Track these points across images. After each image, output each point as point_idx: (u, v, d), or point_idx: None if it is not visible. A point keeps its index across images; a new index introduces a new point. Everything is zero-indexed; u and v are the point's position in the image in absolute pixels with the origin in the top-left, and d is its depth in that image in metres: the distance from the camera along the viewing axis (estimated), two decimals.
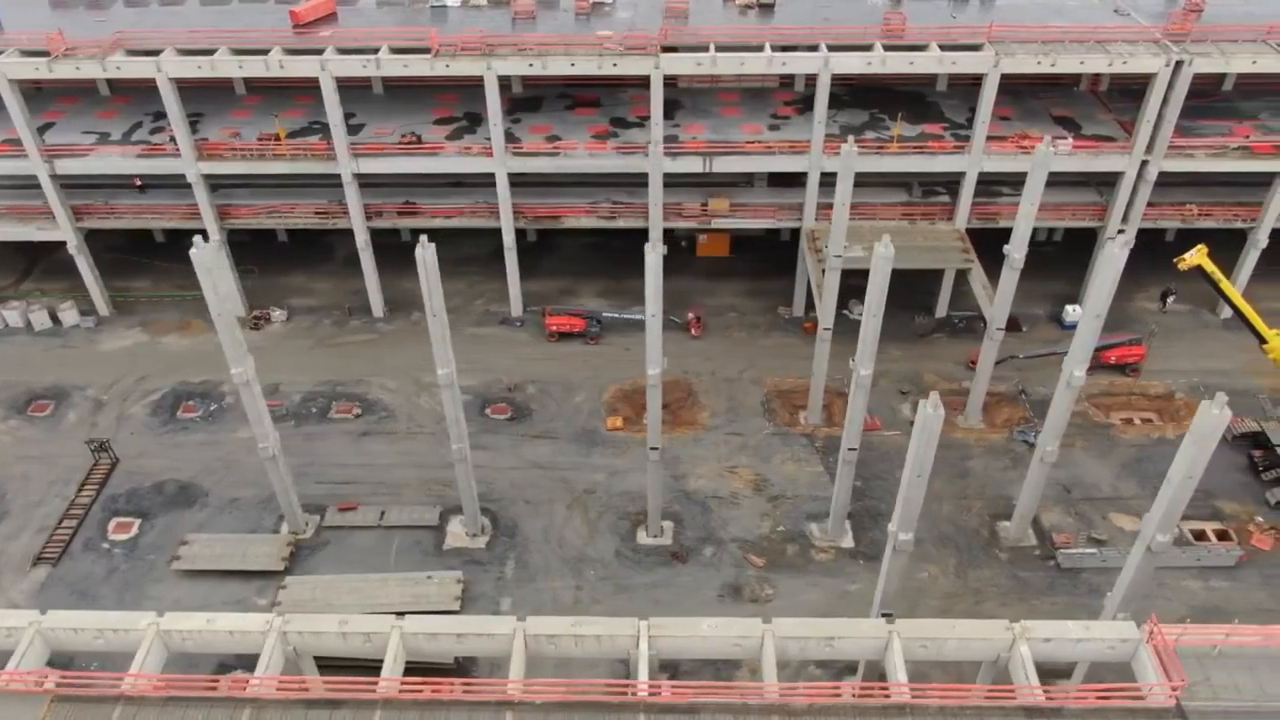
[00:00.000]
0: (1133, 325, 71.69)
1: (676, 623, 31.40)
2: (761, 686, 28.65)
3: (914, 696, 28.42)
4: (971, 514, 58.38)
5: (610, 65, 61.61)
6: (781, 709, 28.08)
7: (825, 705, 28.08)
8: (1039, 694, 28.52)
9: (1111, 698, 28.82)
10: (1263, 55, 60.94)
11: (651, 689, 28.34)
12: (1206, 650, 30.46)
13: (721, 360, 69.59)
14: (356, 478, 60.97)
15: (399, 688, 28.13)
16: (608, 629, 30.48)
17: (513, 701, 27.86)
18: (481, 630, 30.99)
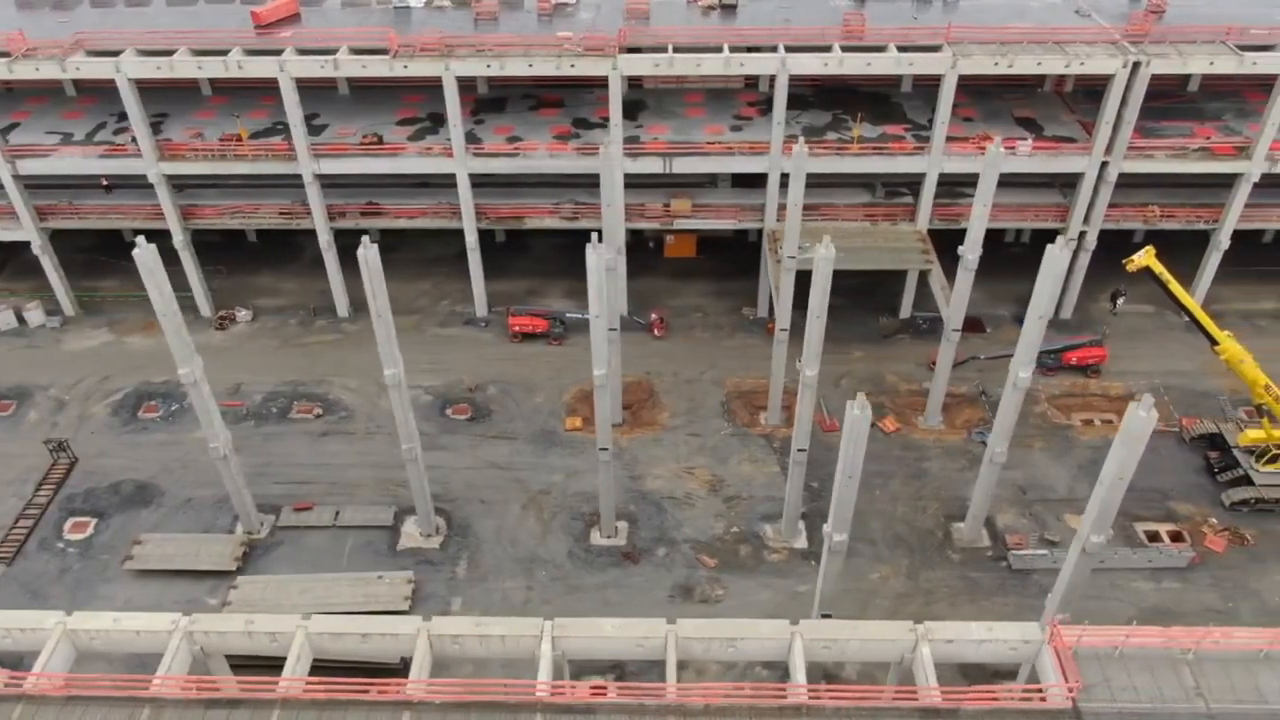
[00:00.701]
0: (1096, 327, 71.74)
1: (580, 623, 31.47)
2: (664, 687, 28.74)
3: (811, 698, 28.46)
4: (926, 515, 58.41)
5: (568, 66, 61.69)
6: (678, 709, 28.15)
7: (721, 706, 28.15)
8: (936, 695, 28.52)
9: (1008, 699, 28.84)
10: (1220, 56, 60.91)
11: (555, 689, 28.44)
12: (1109, 652, 30.49)
13: (683, 361, 69.66)
14: (314, 478, 61.06)
15: (303, 688, 28.21)
16: (511, 629, 30.55)
17: (411, 701, 27.97)
18: (386, 630, 31.11)
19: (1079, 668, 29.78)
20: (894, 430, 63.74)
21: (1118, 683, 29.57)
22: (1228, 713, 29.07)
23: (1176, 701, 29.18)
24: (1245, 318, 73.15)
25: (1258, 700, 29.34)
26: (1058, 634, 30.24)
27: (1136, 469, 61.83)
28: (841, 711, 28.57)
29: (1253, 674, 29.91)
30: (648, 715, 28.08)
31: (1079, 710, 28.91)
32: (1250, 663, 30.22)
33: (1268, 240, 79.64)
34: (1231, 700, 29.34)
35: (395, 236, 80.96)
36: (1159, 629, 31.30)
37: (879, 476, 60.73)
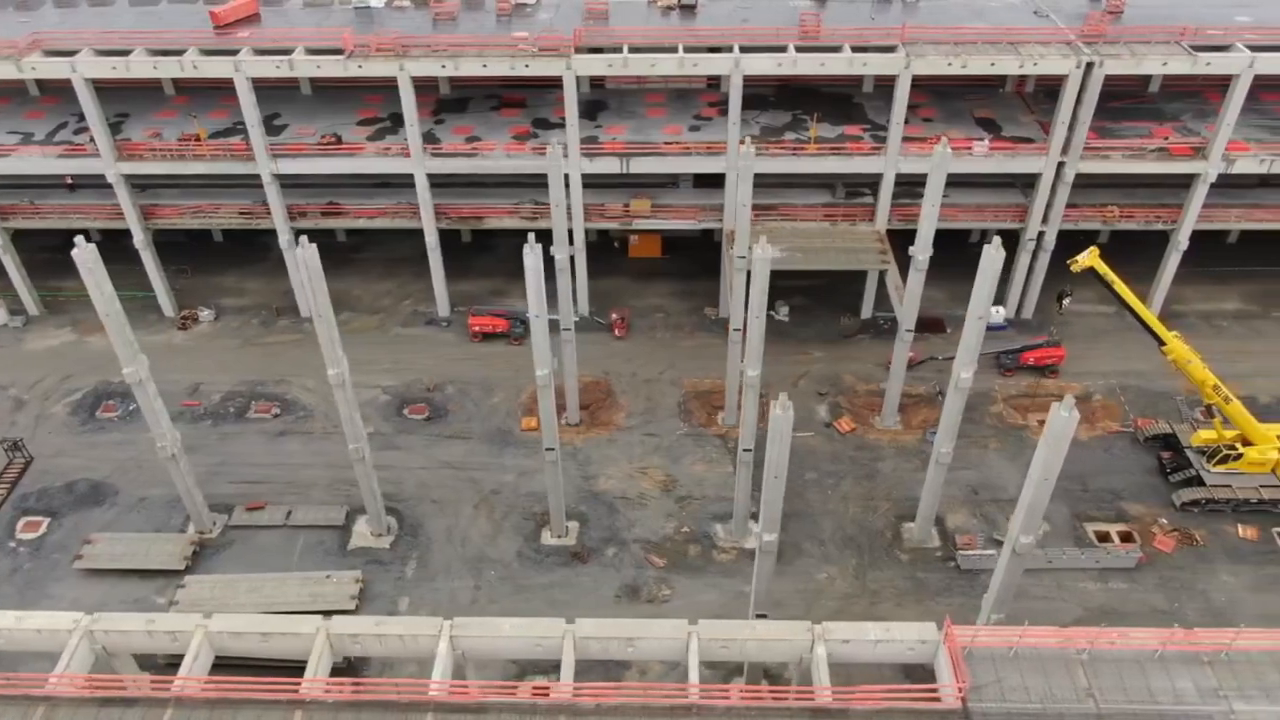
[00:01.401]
0: (1053, 328, 71.65)
1: (478, 622, 31.56)
2: (554, 686, 28.84)
3: (702, 697, 28.52)
4: (877, 515, 58.46)
5: (523, 66, 61.76)
6: (569, 709, 28.22)
7: (613, 705, 28.22)
8: (828, 694, 28.59)
9: (899, 699, 28.90)
10: (1174, 57, 60.92)
11: (454, 688, 28.53)
12: (1004, 652, 30.52)
13: (643, 361, 69.73)
14: (269, 477, 61.15)
15: (200, 687, 28.31)
16: (409, 629, 30.65)
17: (303, 700, 28.07)
18: (286, 630, 31.19)
19: (974, 668, 29.83)
20: (849, 431, 63.78)
21: (1010, 683, 29.62)
22: (1117, 713, 29.11)
23: (1067, 702, 29.22)
24: (1206, 318, 73.23)
25: (1148, 701, 29.38)
26: (951, 634, 30.29)
27: (1090, 470, 62.63)
28: (733, 711, 28.65)
29: (1145, 675, 29.94)
30: (539, 714, 28.18)
31: (968, 710, 28.94)
32: (1144, 663, 30.24)
33: (1232, 241, 79.58)
34: (1122, 701, 29.38)
35: (362, 236, 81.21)
36: (1055, 629, 31.32)
37: (832, 477, 60.84)
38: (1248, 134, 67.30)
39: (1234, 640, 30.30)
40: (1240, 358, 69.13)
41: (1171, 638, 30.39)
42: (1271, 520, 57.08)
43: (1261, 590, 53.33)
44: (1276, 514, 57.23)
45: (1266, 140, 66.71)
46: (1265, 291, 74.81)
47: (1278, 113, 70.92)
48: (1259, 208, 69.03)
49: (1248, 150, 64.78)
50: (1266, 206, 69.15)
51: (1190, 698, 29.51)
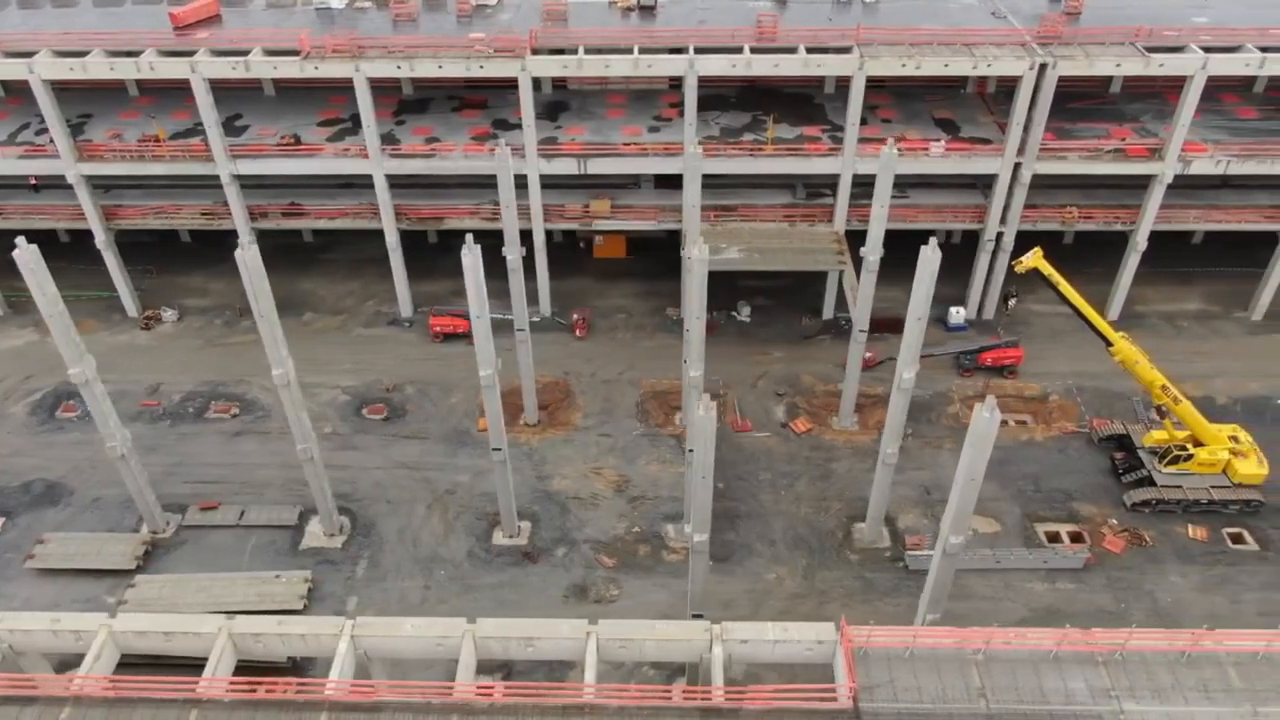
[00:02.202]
0: (1018, 328, 71.81)
1: (379, 622, 31.73)
2: (453, 685, 29.00)
3: (597, 697, 28.65)
4: (829, 516, 58.57)
5: (477, 68, 61.91)
6: (462, 708, 28.37)
7: (506, 705, 28.36)
8: (720, 694, 28.72)
9: (791, 699, 29.02)
10: (1127, 58, 61.03)
11: (353, 687, 28.68)
12: (900, 652, 30.63)
13: (603, 361, 69.88)
14: (224, 477, 61.33)
15: (99, 685, 28.45)
16: (311, 628, 30.81)
17: (199, 699, 28.24)
18: (189, 629, 31.33)
19: (870, 668, 29.96)
20: (805, 431, 63.92)
21: (903, 683, 29.73)
22: (1007, 712, 29.23)
23: (958, 702, 29.33)
24: (1167, 319, 73.35)
25: (1038, 700, 29.49)
26: (846, 634, 30.42)
27: (1044, 470, 62.75)
28: (625, 711, 28.77)
29: (1039, 675, 30.06)
30: (432, 714, 28.33)
31: (859, 710, 29.05)
32: (1038, 663, 30.36)
33: (1196, 241, 79.69)
34: (1013, 701, 29.50)
35: (329, 236, 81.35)
36: (951, 629, 31.42)
37: (786, 477, 60.96)
38: (1208, 135, 67.50)
39: (1127, 641, 30.45)
40: (1199, 358, 69.36)
41: (1066, 638, 30.53)
42: (1222, 521, 57.19)
43: (1209, 591, 53.45)
44: (1227, 514, 57.34)
45: (1226, 141, 66.77)
46: (1227, 292, 74.88)
47: (1239, 114, 71.03)
48: (1217, 209, 69.13)
49: (1204, 151, 64.84)
50: (1225, 208, 69.25)
51: (1081, 698, 29.62)
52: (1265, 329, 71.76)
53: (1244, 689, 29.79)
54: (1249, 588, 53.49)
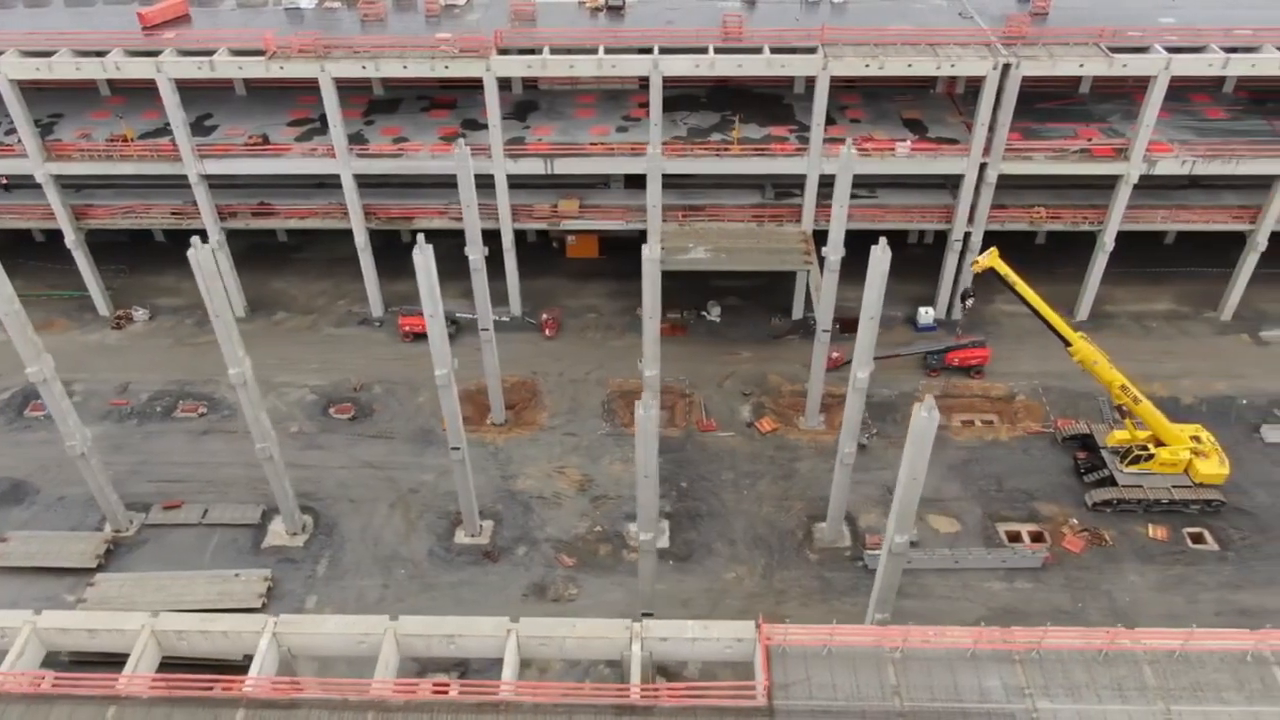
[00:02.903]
0: (987, 328, 71.86)
1: (302, 619, 31.88)
2: (370, 683, 29.14)
3: (516, 694, 28.76)
4: (790, 515, 58.65)
5: (442, 68, 62.05)
6: (379, 705, 28.52)
7: (421, 702, 28.49)
8: (637, 691, 28.83)
9: (707, 696, 29.14)
10: (1090, 58, 61.09)
11: (275, 684, 28.83)
12: (818, 650, 30.72)
13: (571, 361, 70.00)
14: (189, 476, 61.49)
15: (19, 682, 28.58)
16: (234, 625, 30.97)
17: (118, 696, 28.38)
18: (112, 626, 31.51)
19: (788, 666, 30.06)
20: (770, 430, 64.00)
21: (819, 680, 29.81)
22: (918, 710, 29.29)
23: (872, 699, 29.41)
24: (1136, 319, 73.42)
25: (952, 698, 29.57)
26: (763, 632, 30.52)
27: (1007, 470, 62.81)
28: (540, 708, 28.87)
29: (954, 672, 30.12)
30: (349, 711, 28.45)
31: (773, 707, 29.16)
32: (955, 661, 30.43)
33: (1169, 242, 79.72)
34: (927, 699, 29.56)
35: (303, 236, 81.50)
36: (870, 628, 31.56)
37: (749, 477, 61.06)
38: (1176, 135, 67.56)
39: (1043, 639, 30.52)
40: (1167, 358, 69.44)
41: (982, 636, 30.60)
42: (1183, 520, 57.26)
43: (1166, 590, 53.54)
44: (1188, 514, 57.39)
45: (1193, 141, 66.83)
46: (1198, 292, 74.91)
47: (1208, 115, 71.08)
48: (1185, 209, 69.15)
49: (1170, 151, 64.89)
50: (1193, 208, 69.29)
51: (996, 696, 29.69)
52: (1233, 329, 71.83)
53: (1158, 687, 29.86)
54: (1206, 587, 53.56)
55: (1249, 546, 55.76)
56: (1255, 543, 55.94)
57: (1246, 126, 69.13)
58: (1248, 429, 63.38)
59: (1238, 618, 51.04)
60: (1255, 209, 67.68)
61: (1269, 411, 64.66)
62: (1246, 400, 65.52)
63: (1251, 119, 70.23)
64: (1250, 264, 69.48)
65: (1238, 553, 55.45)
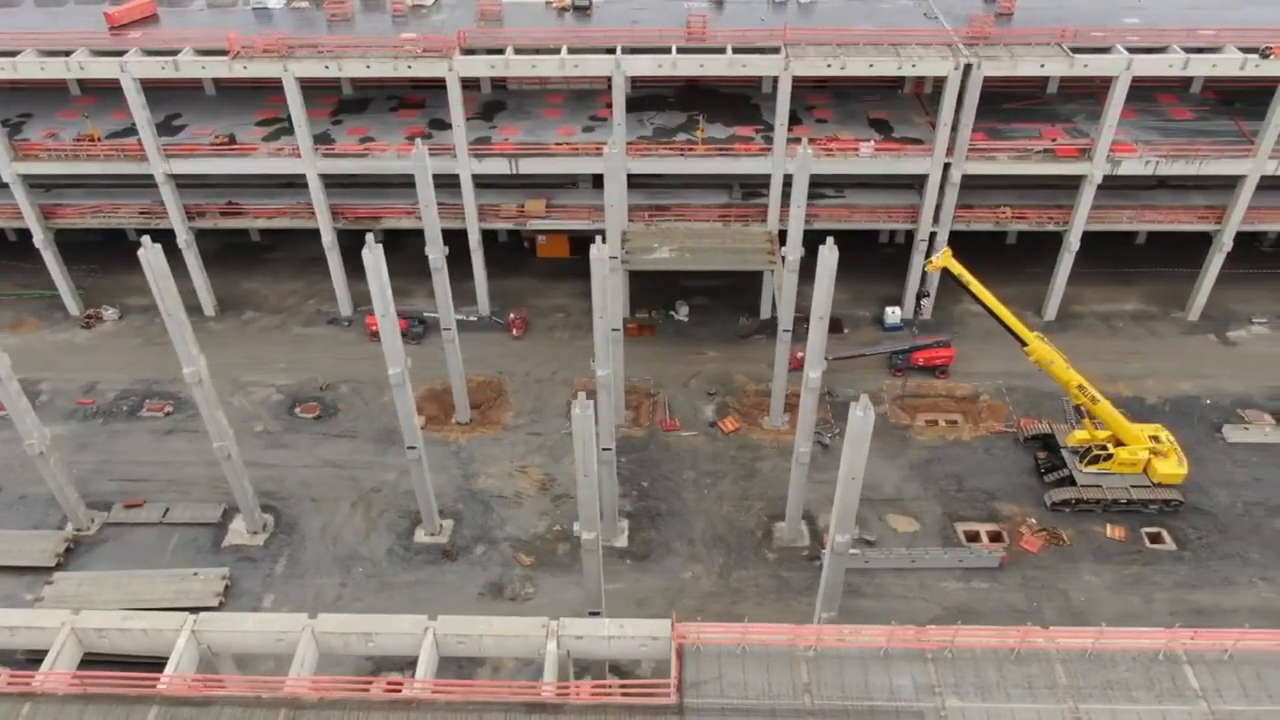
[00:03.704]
0: (954, 328, 71.93)
1: (221, 617, 32.06)
2: (283, 680, 29.29)
3: (430, 693, 28.89)
4: (750, 514, 58.75)
5: (405, 67, 62.19)
6: (291, 702, 28.65)
7: (334, 699, 28.63)
8: (548, 690, 28.94)
9: (618, 695, 29.25)
10: (1051, 59, 61.16)
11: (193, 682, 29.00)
12: (732, 649, 30.85)
13: (537, 360, 70.13)
14: (152, 475, 61.64)
15: None
16: (153, 623, 31.13)
17: (34, 693, 28.55)
18: (31, 624, 31.67)
19: (701, 664, 30.17)
20: (733, 430, 64.09)
21: (730, 679, 29.91)
22: (828, 708, 29.38)
23: (782, 698, 29.51)
24: (1104, 319, 73.50)
25: (863, 697, 29.66)
26: (677, 631, 30.63)
27: (968, 470, 62.88)
28: (452, 705, 29.01)
29: (866, 671, 30.20)
30: (262, 708, 28.61)
31: (683, 706, 29.28)
32: (869, 660, 30.52)
33: (1140, 242, 79.82)
34: (837, 697, 29.65)
35: (276, 236, 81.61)
36: (786, 626, 31.66)
37: (710, 476, 61.17)
38: (1141, 136, 67.66)
39: (955, 638, 30.59)
40: (1133, 358, 69.53)
41: (895, 635, 30.68)
42: (1142, 520, 57.36)
43: (1121, 590, 53.64)
44: (1147, 514, 57.49)
45: (1157, 142, 66.92)
46: (1166, 293, 74.98)
47: (1174, 115, 71.16)
48: (1151, 209, 69.22)
49: (1134, 151, 64.96)
50: (1159, 208, 69.36)
51: (906, 694, 29.76)
52: (1200, 329, 71.91)
53: (1069, 686, 29.94)
54: (1162, 587, 53.66)
55: (1206, 546, 55.84)
56: (1212, 542, 56.01)
57: (1212, 127, 69.20)
58: (1210, 429, 63.44)
59: (1192, 617, 51.14)
60: (1221, 209, 67.76)
61: (1232, 411, 64.74)
62: (1210, 400, 65.58)
63: (1218, 119, 70.30)
64: (1216, 265, 69.55)
65: (1195, 552, 55.53)
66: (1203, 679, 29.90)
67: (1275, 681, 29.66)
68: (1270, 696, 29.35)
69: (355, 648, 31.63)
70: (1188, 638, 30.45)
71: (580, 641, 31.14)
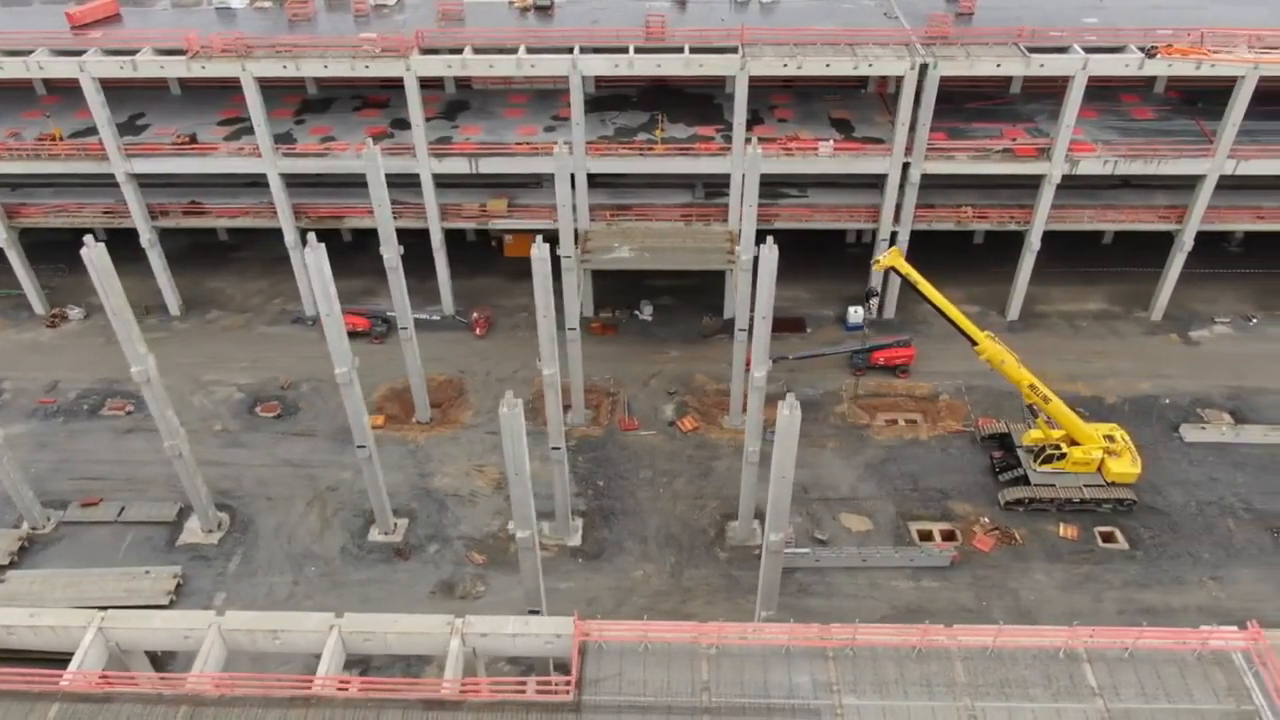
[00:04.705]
0: (916, 327, 71.96)
1: (130, 615, 32.12)
2: (186, 677, 29.42)
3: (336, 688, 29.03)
4: (704, 513, 58.81)
5: (363, 67, 62.31)
6: (192, 699, 28.80)
7: (234, 697, 28.73)
8: (449, 687, 29.02)
9: (518, 692, 29.34)
10: (1007, 58, 61.20)
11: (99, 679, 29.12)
12: (635, 647, 30.91)
13: (499, 359, 70.25)
14: (110, 474, 61.75)
15: None
16: (60, 620, 31.27)
17: None
18: None
19: (603, 662, 30.24)
20: (691, 429, 64.16)
21: (630, 676, 29.98)
22: (725, 706, 29.44)
23: (681, 695, 29.57)
24: (1067, 318, 73.55)
25: (760, 694, 29.74)
26: (577, 629, 30.70)
27: (924, 469, 62.87)
28: (351, 703, 29.14)
29: (766, 669, 30.26)
30: (163, 704, 28.71)
31: (580, 703, 29.36)
32: (770, 658, 30.57)
33: (1107, 242, 79.85)
34: (736, 695, 29.72)
35: (243, 235, 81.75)
36: (690, 624, 31.72)
37: (666, 475, 61.25)
38: (1102, 135, 67.71)
39: (855, 636, 30.64)
40: (1094, 358, 69.57)
41: (797, 633, 30.75)
42: (1095, 519, 57.39)
43: (1071, 589, 53.66)
44: (1101, 513, 57.50)
45: (1117, 141, 66.95)
46: (1131, 292, 75.03)
47: (1135, 115, 71.19)
48: (1112, 209, 69.30)
49: (1092, 151, 65.00)
50: (1120, 208, 69.44)
51: (804, 692, 29.81)
52: (1162, 329, 71.95)
53: (967, 684, 29.96)
54: (1112, 586, 53.70)
55: (1158, 545, 55.87)
56: (1164, 541, 56.04)
57: (1174, 126, 69.22)
58: (1168, 428, 63.47)
59: (1140, 616, 51.15)
60: (1182, 209, 67.78)
61: (1191, 411, 64.76)
62: (1169, 400, 65.62)
63: (1180, 119, 70.33)
64: (1178, 264, 69.59)
65: (1146, 551, 55.57)
66: (1101, 677, 29.98)
67: (1173, 680, 29.79)
68: (1167, 695, 29.45)
69: (262, 645, 31.72)
70: (1087, 636, 30.50)
71: (485, 639, 31.25)
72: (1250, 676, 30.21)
